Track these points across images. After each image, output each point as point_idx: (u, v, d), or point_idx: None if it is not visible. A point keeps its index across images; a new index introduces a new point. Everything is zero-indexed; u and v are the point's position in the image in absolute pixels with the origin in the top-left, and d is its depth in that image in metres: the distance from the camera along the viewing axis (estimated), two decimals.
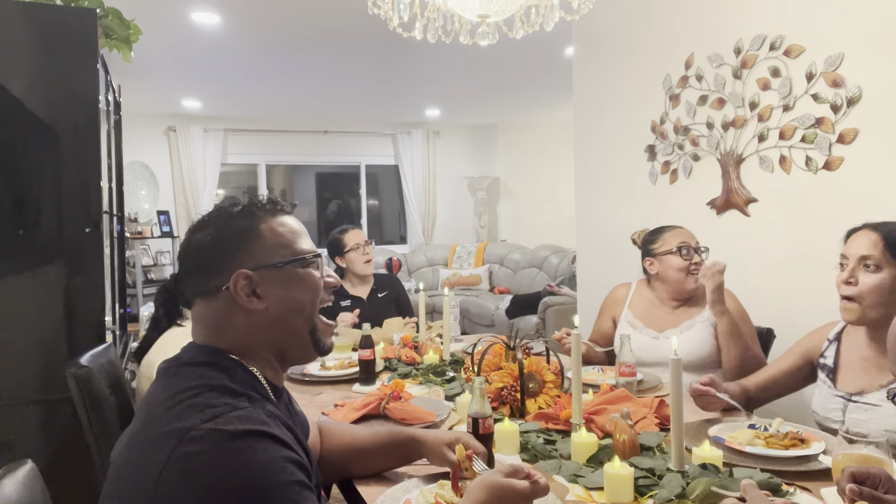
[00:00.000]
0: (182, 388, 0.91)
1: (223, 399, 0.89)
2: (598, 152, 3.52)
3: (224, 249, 1.01)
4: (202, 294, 1.02)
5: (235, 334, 1.00)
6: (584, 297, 3.70)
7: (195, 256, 1.03)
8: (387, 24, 1.93)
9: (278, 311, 1.01)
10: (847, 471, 1.01)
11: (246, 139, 7.28)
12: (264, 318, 1.00)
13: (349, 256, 3.03)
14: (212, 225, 1.04)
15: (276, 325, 1.01)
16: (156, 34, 3.89)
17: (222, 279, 0.99)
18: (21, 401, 2.11)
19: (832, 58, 2.26)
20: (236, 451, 0.82)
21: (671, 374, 1.31)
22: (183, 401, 0.88)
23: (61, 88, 2.14)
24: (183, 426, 0.84)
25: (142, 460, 0.85)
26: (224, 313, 1.00)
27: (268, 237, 1.03)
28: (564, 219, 7.52)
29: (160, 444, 0.83)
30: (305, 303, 1.03)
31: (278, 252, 1.02)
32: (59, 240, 2.15)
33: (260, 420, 0.87)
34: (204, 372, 0.94)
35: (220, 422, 0.84)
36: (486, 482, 1.02)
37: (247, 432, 0.84)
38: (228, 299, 0.99)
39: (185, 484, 0.80)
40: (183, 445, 0.82)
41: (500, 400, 1.73)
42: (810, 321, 2.37)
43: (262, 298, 1.00)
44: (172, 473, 0.81)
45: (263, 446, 0.84)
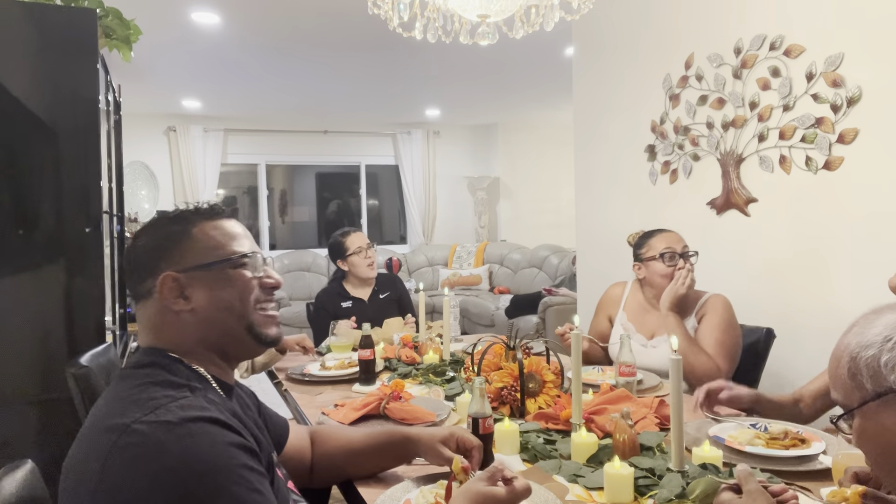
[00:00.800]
0: (125, 388, 0.93)
1: (164, 392, 0.91)
2: (599, 152, 3.52)
3: (155, 253, 1.03)
4: (138, 297, 1.04)
5: (170, 335, 1.02)
6: (584, 298, 3.70)
7: (130, 261, 1.06)
8: (387, 24, 1.93)
9: (206, 311, 1.02)
10: (850, 471, 1.01)
11: (246, 139, 7.28)
12: (193, 319, 1.02)
13: (351, 260, 3.00)
14: (148, 230, 1.07)
15: (207, 324, 1.02)
16: (156, 34, 3.89)
17: (153, 282, 1.02)
18: (21, 401, 2.11)
19: (832, 58, 2.26)
20: (178, 439, 0.83)
21: (671, 373, 1.31)
22: (124, 399, 0.90)
23: (61, 88, 2.14)
24: (124, 421, 0.85)
25: (85, 456, 0.86)
26: (157, 315, 1.02)
27: (199, 239, 1.04)
28: (564, 219, 7.52)
29: (102, 439, 0.85)
30: (234, 302, 1.04)
31: (208, 254, 1.04)
32: (59, 240, 2.15)
33: (200, 406, 0.89)
34: (147, 372, 0.96)
35: (160, 413, 0.86)
36: (467, 492, 1.03)
37: (188, 419, 0.85)
38: (158, 302, 1.02)
39: (128, 474, 0.81)
40: (124, 437, 0.83)
41: (500, 400, 1.73)
42: (810, 321, 2.38)
43: (190, 299, 1.02)
44: (115, 465, 0.82)
45: (205, 431, 0.85)
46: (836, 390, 0.87)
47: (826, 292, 2.35)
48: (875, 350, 0.81)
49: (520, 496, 1.04)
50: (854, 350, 0.84)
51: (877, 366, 0.81)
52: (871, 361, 0.81)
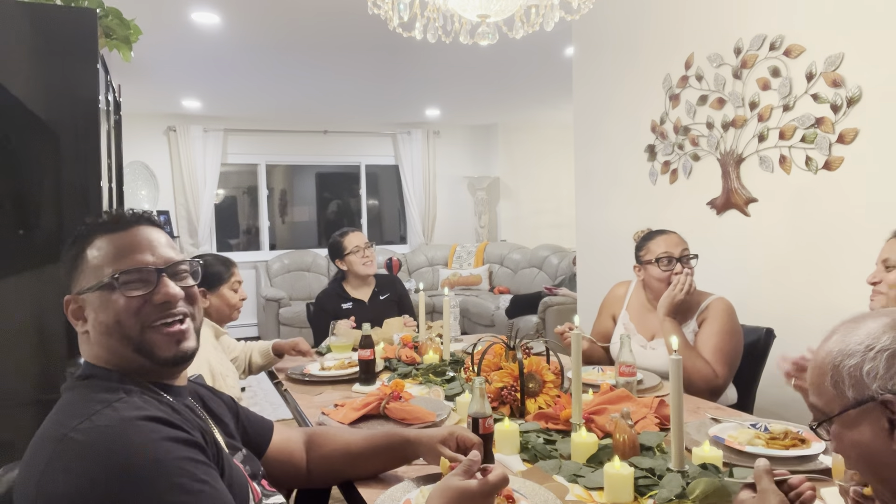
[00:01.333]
0: (67, 400, 0.95)
1: (99, 397, 0.92)
2: (599, 152, 3.52)
3: (66, 276, 1.07)
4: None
5: (91, 351, 1.04)
6: (584, 297, 3.70)
7: None
8: (387, 24, 1.93)
9: (94, 333, 1.02)
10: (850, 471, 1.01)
11: (246, 139, 7.28)
12: (92, 339, 1.03)
13: (349, 259, 3.02)
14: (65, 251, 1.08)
15: (100, 344, 1.02)
16: (156, 34, 3.89)
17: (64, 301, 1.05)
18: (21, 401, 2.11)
19: (832, 58, 2.26)
20: (114, 440, 0.84)
21: (671, 373, 1.31)
22: (64, 410, 0.92)
23: (61, 88, 2.14)
24: (62, 431, 0.86)
25: (26, 468, 0.87)
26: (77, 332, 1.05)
27: (88, 261, 1.04)
28: (564, 219, 7.52)
29: (43, 449, 0.86)
30: (112, 324, 1.00)
31: (91, 277, 1.03)
32: (59, 240, 2.14)
33: (135, 406, 0.90)
34: (86, 383, 0.98)
35: (95, 418, 0.86)
36: (442, 488, 1.02)
37: (124, 419, 0.86)
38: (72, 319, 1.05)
39: (67, 481, 0.82)
40: (61, 445, 0.84)
41: (500, 400, 1.73)
42: (810, 321, 2.38)
43: (86, 321, 1.03)
44: (53, 473, 0.83)
45: (141, 429, 0.86)
46: (817, 397, 0.88)
47: (826, 292, 2.36)
48: (857, 359, 0.82)
49: (494, 486, 1.03)
50: (837, 358, 0.84)
51: (859, 374, 0.81)
52: (853, 370, 0.82)
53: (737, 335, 2.10)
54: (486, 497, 1.02)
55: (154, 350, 1.01)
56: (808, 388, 0.90)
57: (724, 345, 2.05)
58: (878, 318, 0.85)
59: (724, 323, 2.09)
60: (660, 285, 2.16)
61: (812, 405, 0.89)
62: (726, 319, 2.10)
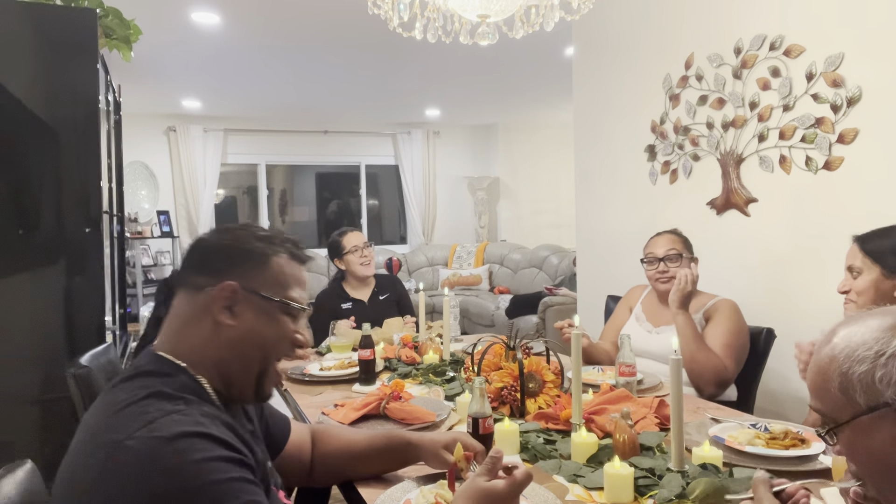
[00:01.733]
0: (121, 396, 0.91)
1: (158, 405, 0.89)
2: (598, 152, 3.52)
3: (229, 257, 1.03)
4: (184, 285, 1.03)
5: (194, 339, 1.01)
6: (584, 297, 3.70)
7: (201, 251, 1.06)
8: (387, 24, 1.93)
9: (241, 335, 1.01)
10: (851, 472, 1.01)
11: (246, 139, 7.27)
12: (226, 335, 1.00)
13: (347, 258, 3.02)
14: (232, 233, 1.07)
15: (234, 347, 1.01)
16: (156, 34, 3.89)
17: (211, 281, 1.00)
18: (21, 401, 2.11)
19: (832, 58, 2.25)
20: (169, 455, 0.82)
21: (671, 373, 1.31)
22: (118, 411, 0.89)
23: (61, 88, 2.14)
24: (117, 437, 0.84)
25: (78, 469, 0.86)
26: (196, 313, 1.01)
27: (272, 270, 1.05)
28: (564, 219, 7.52)
29: (96, 454, 0.84)
30: (268, 342, 1.03)
31: (273, 287, 1.04)
32: (59, 240, 2.15)
33: (194, 421, 0.88)
34: (144, 382, 0.94)
35: (152, 427, 0.84)
36: (469, 491, 1.00)
37: (181, 434, 0.84)
38: (205, 302, 1.00)
39: (121, 492, 0.80)
40: (117, 453, 0.82)
41: (500, 400, 1.73)
42: (810, 321, 2.37)
43: (235, 317, 1.01)
44: (107, 481, 0.81)
45: (197, 447, 0.84)
46: (822, 402, 0.86)
47: (826, 292, 2.35)
48: (868, 365, 0.81)
49: (521, 485, 1.02)
50: (844, 365, 0.83)
51: (871, 381, 0.80)
52: (864, 377, 0.81)
53: (744, 333, 2.15)
54: (514, 497, 1.01)
55: (265, 381, 1.05)
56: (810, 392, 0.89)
57: (733, 341, 2.10)
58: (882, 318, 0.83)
59: (733, 321, 2.13)
60: (655, 284, 2.30)
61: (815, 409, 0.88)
62: (734, 318, 2.15)
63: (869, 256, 1.69)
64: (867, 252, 1.70)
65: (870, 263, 1.69)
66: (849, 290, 1.73)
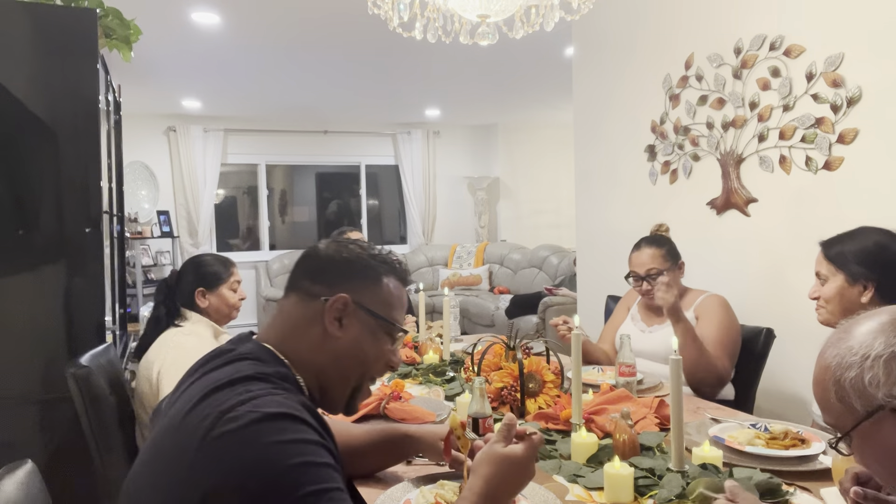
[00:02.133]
0: (226, 374, 0.95)
1: (260, 385, 0.93)
2: (598, 152, 3.52)
3: (346, 271, 1.09)
4: (299, 290, 1.09)
5: (301, 343, 1.05)
6: (584, 297, 3.70)
7: (319, 260, 1.11)
8: (387, 24, 1.93)
9: (346, 348, 1.06)
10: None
11: (246, 139, 7.27)
12: (332, 346, 1.05)
13: None
14: (350, 248, 1.12)
15: (336, 358, 1.06)
16: (156, 34, 3.89)
17: (326, 291, 1.06)
18: (21, 401, 2.11)
19: (832, 58, 2.25)
20: (268, 432, 0.85)
21: (671, 374, 1.31)
22: (222, 387, 0.92)
23: (61, 88, 2.14)
24: (221, 408, 0.88)
25: (180, 440, 0.88)
26: (306, 319, 1.06)
27: (383, 290, 1.10)
28: (564, 219, 7.52)
29: (198, 425, 0.87)
30: (369, 359, 1.09)
31: (381, 307, 1.09)
32: (59, 240, 2.15)
33: (294, 406, 0.91)
34: (251, 364, 0.98)
35: (256, 403, 0.88)
36: (489, 456, 1.03)
37: (281, 414, 0.88)
38: (317, 310, 1.05)
39: (221, 461, 0.83)
40: (220, 425, 0.85)
41: (500, 400, 1.73)
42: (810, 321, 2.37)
43: (342, 329, 1.06)
44: (208, 452, 0.84)
45: (296, 428, 0.88)
46: (828, 414, 0.87)
47: None
48: (856, 370, 0.81)
49: (536, 448, 1.07)
50: (836, 373, 0.83)
51: (862, 386, 0.81)
52: (855, 382, 0.81)
53: (735, 329, 2.16)
54: (532, 460, 1.05)
55: (357, 396, 1.10)
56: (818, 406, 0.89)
57: (724, 337, 2.11)
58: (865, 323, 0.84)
59: (722, 317, 2.15)
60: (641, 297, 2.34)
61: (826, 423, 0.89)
62: (723, 313, 2.16)
63: (832, 263, 1.68)
64: (830, 258, 1.69)
65: (833, 270, 1.68)
66: (818, 297, 1.72)
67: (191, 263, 2.19)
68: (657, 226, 2.52)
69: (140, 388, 1.93)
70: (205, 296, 2.11)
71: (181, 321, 2.07)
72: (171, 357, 1.91)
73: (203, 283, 2.12)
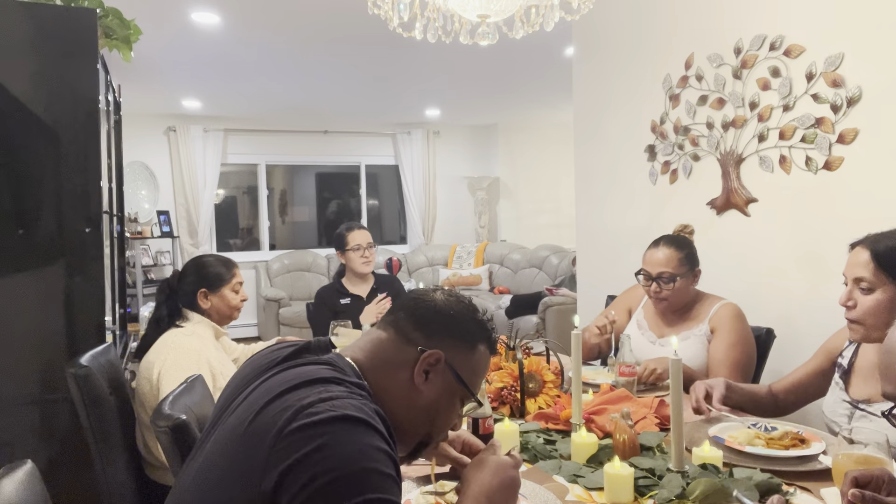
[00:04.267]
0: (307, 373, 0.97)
1: (339, 389, 0.95)
2: (598, 152, 3.52)
3: (448, 328, 1.10)
4: (400, 332, 1.09)
5: (384, 381, 1.06)
6: (584, 298, 3.70)
7: (428, 308, 1.11)
8: (387, 24, 1.93)
9: (424, 403, 1.07)
10: (850, 475, 1.01)
11: (246, 139, 7.27)
12: (411, 395, 1.06)
13: (349, 255, 3.05)
14: (459, 307, 1.13)
15: (411, 409, 1.07)
16: (156, 34, 3.89)
17: (424, 342, 1.07)
18: (21, 401, 2.11)
19: (832, 58, 2.25)
20: (346, 432, 0.87)
21: (671, 374, 1.31)
22: (300, 386, 0.94)
23: (61, 88, 2.14)
24: (302, 402, 0.90)
25: (260, 428, 0.89)
26: (397, 360, 1.07)
27: (473, 357, 1.11)
28: (564, 219, 7.52)
29: (279, 416, 0.89)
30: (440, 418, 1.10)
31: (468, 372, 1.10)
32: (59, 240, 2.15)
33: (370, 414, 0.92)
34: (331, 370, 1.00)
35: (335, 403, 0.90)
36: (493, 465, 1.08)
37: (358, 419, 0.89)
38: (410, 357, 1.06)
39: (296, 452, 0.85)
40: (299, 418, 0.87)
41: (500, 400, 1.73)
42: (810, 321, 2.37)
43: (427, 383, 1.06)
44: (286, 442, 0.86)
45: (371, 435, 0.89)
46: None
47: (826, 292, 2.35)
48: None
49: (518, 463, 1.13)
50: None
51: None
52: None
53: (750, 342, 2.12)
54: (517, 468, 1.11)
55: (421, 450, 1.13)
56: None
57: (740, 356, 2.06)
58: None
59: (738, 333, 2.09)
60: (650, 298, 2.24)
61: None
62: (739, 328, 2.10)
63: (884, 270, 1.43)
64: (882, 265, 1.43)
65: (885, 279, 1.43)
66: (854, 306, 1.50)
67: (193, 264, 2.18)
68: (682, 226, 2.38)
69: (140, 388, 1.93)
70: (207, 297, 2.11)
71: (182, 322, 2.07)
72: (172, 357, 1.91)
73: (205, 284, 2.12)
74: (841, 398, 1.65)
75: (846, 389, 1.65)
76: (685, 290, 2.17)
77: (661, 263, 2.15)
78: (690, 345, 2.14)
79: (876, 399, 1.55)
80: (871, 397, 1.57)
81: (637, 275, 2.23)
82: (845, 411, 1.62)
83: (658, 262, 2.15)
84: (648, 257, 2.20)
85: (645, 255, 2.22)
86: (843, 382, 1.66)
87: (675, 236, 2.27)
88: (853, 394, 1.62)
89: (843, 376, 1.68)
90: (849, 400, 1.62)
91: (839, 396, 1.66)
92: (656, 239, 2.25)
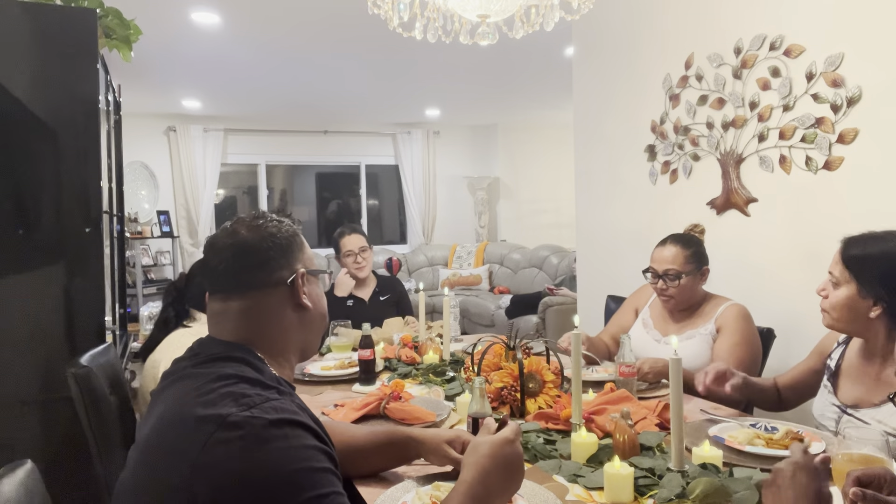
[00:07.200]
0: (214, 377, 0.94)
1: (256, 390, 0.93)
2: (598, 152, 3.52)
3: (285, 249, 1.09)
4: (249, 287, 1.05)
5: (276, 332, 1.07)
6: (584, 298, 3.70)
7: (255, 251, 1.06)
8: (387, 24, 1.93)
9: (315, 312, 1.12)
10: (852, 474, 1.01)
11: (246, 139, 7.28)
12: (308, 317, 1.11)
13: (343, 261, 3.07)
14: (263, 228, 1.09)
15: (313, 324, 1.13)
16: (156, 34, 3.89)
17: (285, 274, 1.07)
18: (21, 401, 2.11)
19: (832, 58, 2.25)
20: (272, 439, 0.86)
21: (671, 374, 1.31)
22: (216, 390, 0.91)
23: (61, 88, 2.14)
24: (220, 412, 0.87)
25: (176, 446, 0.87)
26: (276, 307, 1.07)
27: (305, 248, 1.15)
28: (564, 219, 7.52)
29: (197, 430, 0.86)
30: (325, 307, 1.17)
31: (312, 261, 1.15)
32: (59, 240, 2.15)
33: (292, 410, 0.92)
34: (236, 366, 0.98)
35: (255, 410, 0.88)
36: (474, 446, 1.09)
37: (281, 421, 0.88)
38: (284, 295, 1.07)
39: (223, 469, 0.83)
40: (221, 431, 0.85)
41: (500, 400, 1.73)
42: (810, 321, 2.37)
43: (309, 298, 1.11)
44: (210, 459, 0.84)
45: (297, 434, 0.88)
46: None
47: None
48: None
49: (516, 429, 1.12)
50: None
51: None
52: None
53: (755, 343, 2.12)
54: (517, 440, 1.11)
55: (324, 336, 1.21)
56: None
57: (744, 355, 2.06)
58: None
59: (743, 333, 2.09)
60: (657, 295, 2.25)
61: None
62: (745, 327, 2.10)
63: (848, 269, 1.54)
64: (846, 262, 1.54)
65: (847, 277, 1.53)
66: (826, 296, 1.60)
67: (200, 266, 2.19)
68: (692, 225, 2.38)
69: (145, 386, 1.94)
70: None
71: (190, 322, 2.09)
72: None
73: None
74: (830, 401, 1.65)
75: (835, 393, 1.65)
76: (692, 288, 2.17)
77: (667, 261, 2.17)
78: (694, 343, 2.14)
79: (864, 404, 1.56)
80: (858, 402, 1.58)
81: (645, 272, 2.24)
82: (833, 415, 1.63)
83: (664, 259, 2.18)
84: (656, 255, 2.22)
85: (653, 253, 2.24)
86: (832, 385, 1.67)
87: (683, 234, 2.28)
88: (842, 397, 1.63)
89: (830, 378, 1.68)
90: (837, 404, 1.62)
91: (828, 400, 1.66)
92: (664, 237, 2.27)
